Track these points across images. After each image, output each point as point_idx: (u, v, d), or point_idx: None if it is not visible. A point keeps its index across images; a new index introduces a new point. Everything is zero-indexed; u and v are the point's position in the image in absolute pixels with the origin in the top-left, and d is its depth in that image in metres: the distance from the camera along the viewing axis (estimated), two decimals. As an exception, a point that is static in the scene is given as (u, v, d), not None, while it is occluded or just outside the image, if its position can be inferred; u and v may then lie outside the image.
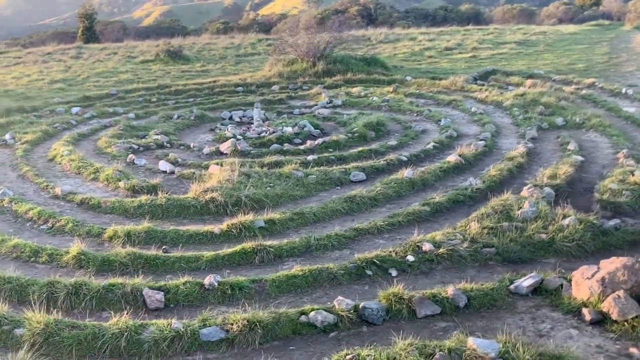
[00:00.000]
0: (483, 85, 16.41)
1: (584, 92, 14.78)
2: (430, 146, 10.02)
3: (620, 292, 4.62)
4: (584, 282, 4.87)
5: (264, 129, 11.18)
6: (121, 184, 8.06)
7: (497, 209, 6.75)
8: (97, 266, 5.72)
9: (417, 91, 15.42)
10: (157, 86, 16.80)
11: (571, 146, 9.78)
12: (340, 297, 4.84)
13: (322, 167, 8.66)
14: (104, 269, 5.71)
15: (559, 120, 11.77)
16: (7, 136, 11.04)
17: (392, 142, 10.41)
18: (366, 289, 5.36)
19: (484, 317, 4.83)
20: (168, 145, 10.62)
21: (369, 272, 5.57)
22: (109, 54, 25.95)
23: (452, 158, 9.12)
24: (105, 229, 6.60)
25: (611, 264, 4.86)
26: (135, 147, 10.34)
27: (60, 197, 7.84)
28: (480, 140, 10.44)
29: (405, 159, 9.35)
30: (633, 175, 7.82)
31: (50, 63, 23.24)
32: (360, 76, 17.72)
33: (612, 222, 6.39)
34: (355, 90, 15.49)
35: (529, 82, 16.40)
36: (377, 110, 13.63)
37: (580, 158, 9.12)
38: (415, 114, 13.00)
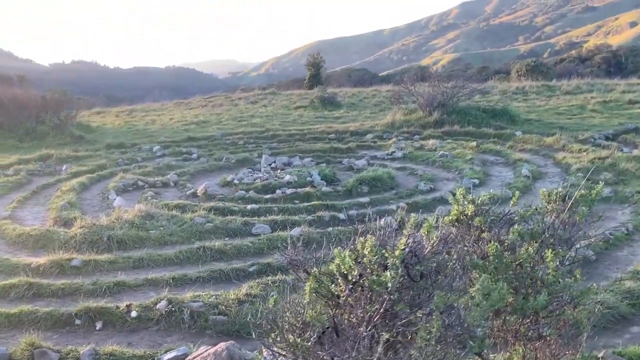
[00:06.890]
0: (599, 145, 14.10)
1: None
2: (393, 206, 9.09)
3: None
4: (180, 367, 4.21)
5: (259, 175, 11.23)
6: (52, 213, 8.91)
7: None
8: None
9: (499, 148, 13.85)
10: (263, 130, 17.60)
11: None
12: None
13: (229, 217, 8.47)
14: None
15: (606, 191, 9.70)
16: (63, 167, 12.77)
17: (365, 199, 9.67)
18: (56, 337, 5.27)
19: (87, 387, 4.45)
20: (172, 184, 11.29)
21: (78, 322, 5.46)
22: (284, 99, 27.83)
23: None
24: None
25: (218, 347, 4.13)
26: (141, 184, 11.20)
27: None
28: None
29: (343, 217, 8.67)
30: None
31: (224, 107, 25.83)
32: (469, 128, 16.42)
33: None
34: (431, 142, 14.49)
35: (658, 144, 13.69)
36: (431, 165, 12.65)
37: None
38: (457, 172, 11.78)
